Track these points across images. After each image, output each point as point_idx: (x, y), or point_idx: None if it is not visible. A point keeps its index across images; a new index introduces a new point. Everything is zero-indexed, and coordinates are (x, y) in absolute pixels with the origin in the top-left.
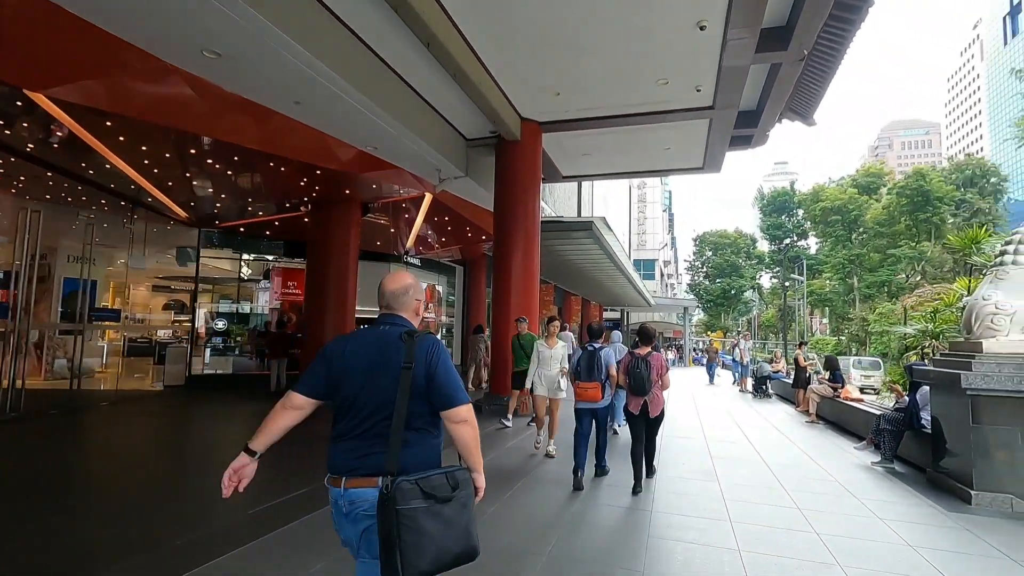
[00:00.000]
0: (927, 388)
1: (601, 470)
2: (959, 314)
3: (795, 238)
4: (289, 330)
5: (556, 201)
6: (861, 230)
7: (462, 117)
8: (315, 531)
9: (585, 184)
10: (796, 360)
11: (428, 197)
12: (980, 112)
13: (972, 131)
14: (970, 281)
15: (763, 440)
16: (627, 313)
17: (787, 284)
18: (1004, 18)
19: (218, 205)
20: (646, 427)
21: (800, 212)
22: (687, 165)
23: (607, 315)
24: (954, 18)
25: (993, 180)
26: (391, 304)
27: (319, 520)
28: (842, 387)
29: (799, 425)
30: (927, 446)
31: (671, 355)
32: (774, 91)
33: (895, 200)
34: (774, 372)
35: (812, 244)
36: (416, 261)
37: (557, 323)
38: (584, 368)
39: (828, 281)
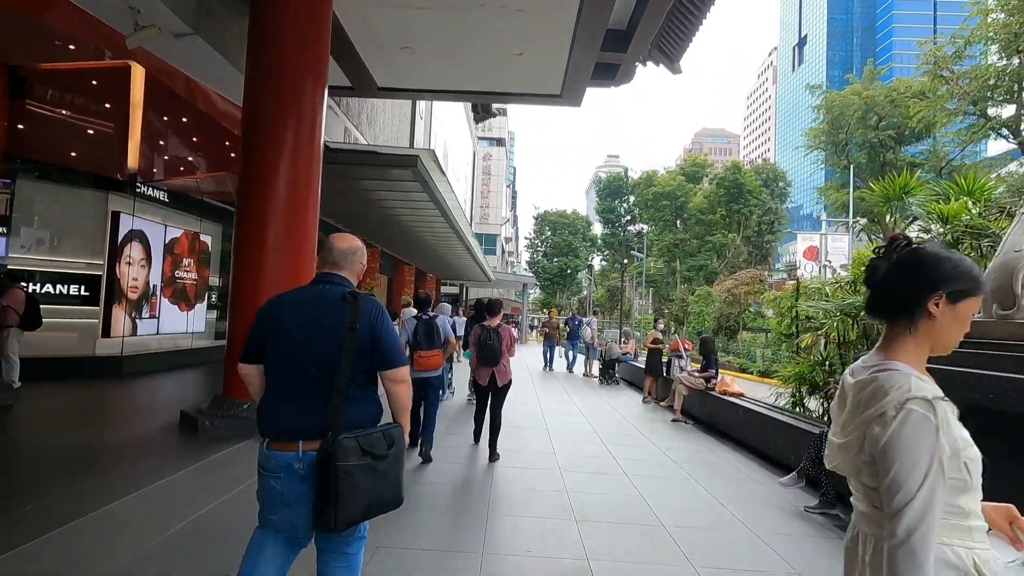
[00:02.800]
0: None
1: (426, 456)
2: None
3: (625, 222)
4: None
5: (378, 134)
6: (685, 216)
7: None
8: None
9: (420, 123)
10: (652, 340)
11: (138, 72)
12: (770, 128)
13: (764, 143)
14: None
15: (637, 463)
16: (466, 288)
17: (625, 262)
18: (793, 48)
19: None
20: (493, 397)
21: (632, 198)
22: (542, 90)
23: (446, 290)
24: (758, 42)
25: (781, 184)
26: (337, 262)
27: None
28: (717, 377)
29: (665, 426)
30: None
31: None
32: (651, 2)
33: (715, 190)
34: (623, 354)
35: (639, 228)
36: (161, 196)
37: None
38: (423, 336)
39: (654, 263)
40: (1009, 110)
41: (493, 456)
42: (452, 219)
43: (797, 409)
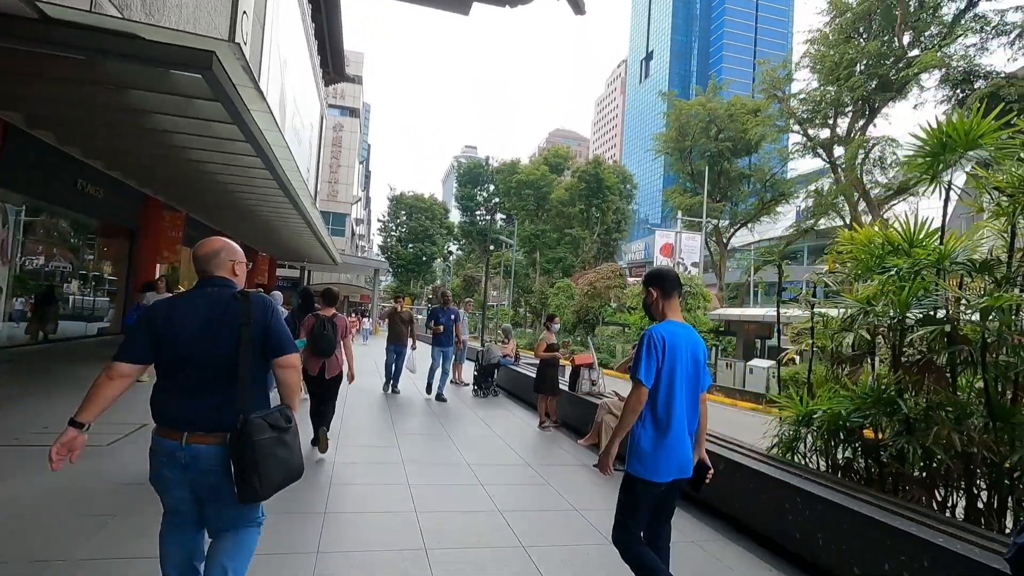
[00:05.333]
0: None
1: None
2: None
3: (490, 208)
4: None
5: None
6: (547, 207)
7: None
8: None
9: (244, 47)
10: (545, 347)
11: None
12: (617, 135)
13: (611, 148)
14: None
15: None
16: (309, 272)
17: (492, 248)
18: (641, 62)
19: None
20: (325, 389)
21: (492, 187)
22: None
23: (284, 273)
24: (609, 51)
25: (628, 186)
26: (206, 269)
27: None
28: None
29: (592, 479)
30: None
31: (366, 323)
32: None
33: (576, 184)
34: (504, 357)
35: (504, 216)
36: None
37: None
38: None
39: (512, 254)
40: (825, 132)
41: (323, 446)
42: (278, 170)
43: (790, 456)
